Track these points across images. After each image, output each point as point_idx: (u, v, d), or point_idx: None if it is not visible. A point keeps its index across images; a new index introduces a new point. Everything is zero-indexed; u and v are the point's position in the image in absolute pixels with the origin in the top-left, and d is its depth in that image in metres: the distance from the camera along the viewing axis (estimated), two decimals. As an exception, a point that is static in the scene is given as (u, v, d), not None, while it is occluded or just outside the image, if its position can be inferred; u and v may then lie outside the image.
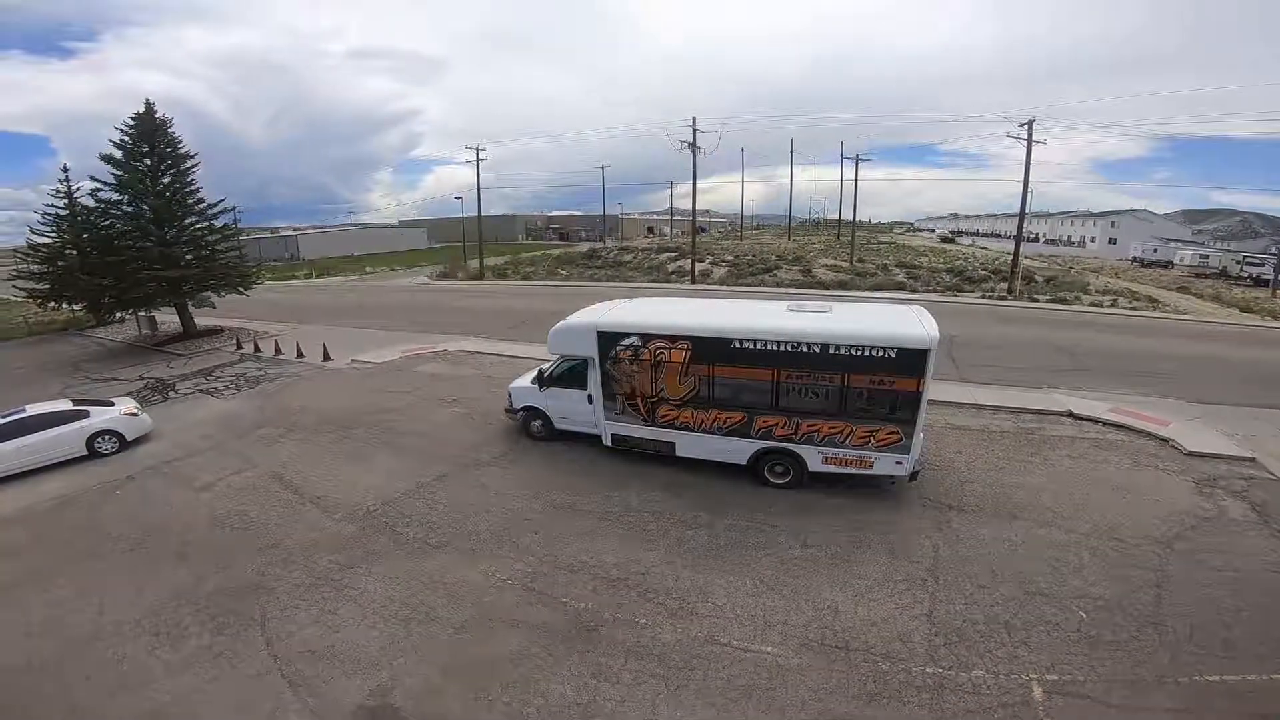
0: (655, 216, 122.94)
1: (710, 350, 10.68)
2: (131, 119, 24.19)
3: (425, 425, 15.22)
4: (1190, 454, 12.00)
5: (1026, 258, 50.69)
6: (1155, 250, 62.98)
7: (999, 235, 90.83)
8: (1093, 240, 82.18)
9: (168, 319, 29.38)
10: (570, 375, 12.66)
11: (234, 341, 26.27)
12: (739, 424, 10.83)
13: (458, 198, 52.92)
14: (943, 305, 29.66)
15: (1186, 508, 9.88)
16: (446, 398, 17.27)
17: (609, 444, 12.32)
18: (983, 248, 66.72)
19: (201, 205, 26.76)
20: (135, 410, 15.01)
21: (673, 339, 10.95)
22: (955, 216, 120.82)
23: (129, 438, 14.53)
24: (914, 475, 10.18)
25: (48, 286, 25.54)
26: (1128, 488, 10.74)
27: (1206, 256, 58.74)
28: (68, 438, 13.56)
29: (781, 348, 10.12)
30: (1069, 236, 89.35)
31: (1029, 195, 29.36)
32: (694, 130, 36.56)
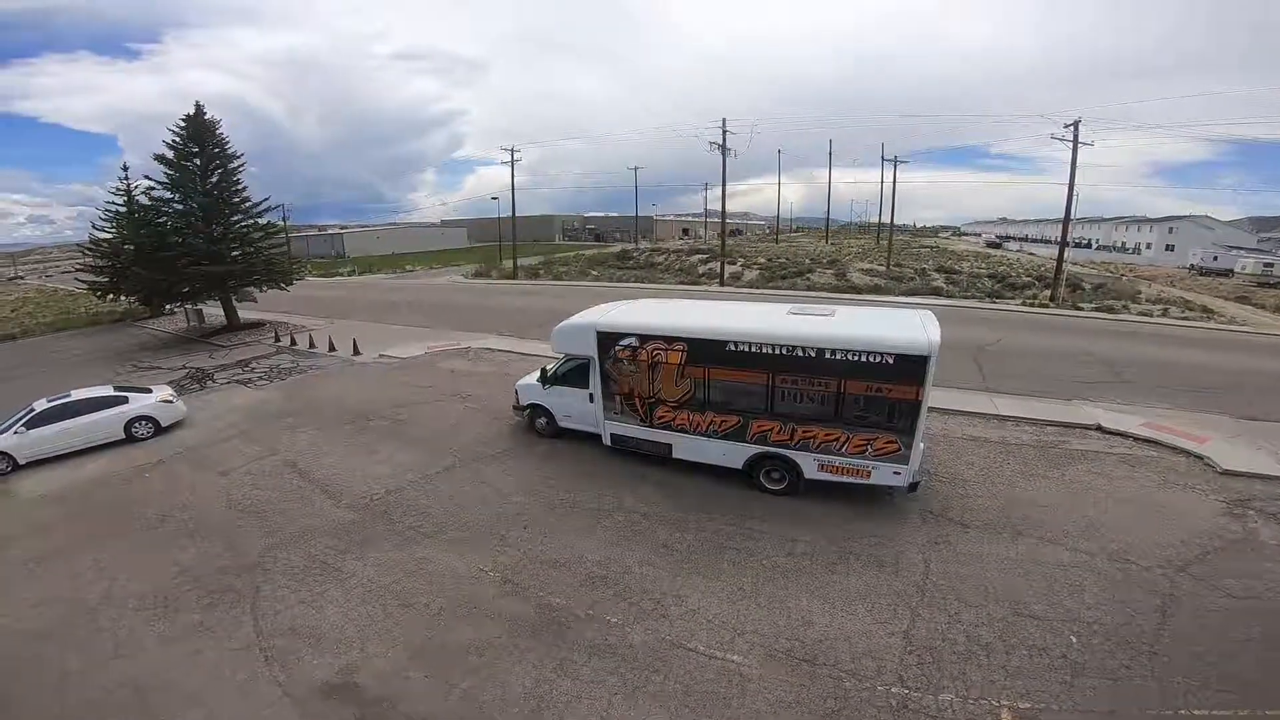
0: (691, 218, 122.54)
1: (705, 352, 10.59)
2: (182, 121, 25.68)
3: (438, 420, 15.59)
4: (1225, 472, 11.20)
5: (1076, 264, 48.30)
6: (1215, 258, 58.69)
7: (1048, 241, 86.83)
8: (1148, 247, 77.66)
9: (215, 312, 31.01)
10: (573, 374, 12.76)
11: (273, 335, 27.50)
12: (734, 428, 10.70)
13: (493, 198, 54.07)
14: (978, 312, 28.56)
15: (1211, 529, 9.23)
16: (462, 393, 17.65)
17: (608, 443, 12.36)
18: (1030, 253, 63.87)
19: (247, 204, 28.14)
20: (170, 397, 15.92)
21: (669, 340, 10.90)
22: (1004, 221, 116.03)
23: (164, 423, 15.41)
24: (913, 487, 9.83)
25: (106, 280, 27.32)
26: (1149, 507, 10.10)
27: (1271, 265, 54.35)
28: (108, 422, 14.49)
29: (776, 351, 9.94)
30: (1123, 243, 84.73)
31: (1075, 199, 27.94)
32: (723, 131, 36.27)
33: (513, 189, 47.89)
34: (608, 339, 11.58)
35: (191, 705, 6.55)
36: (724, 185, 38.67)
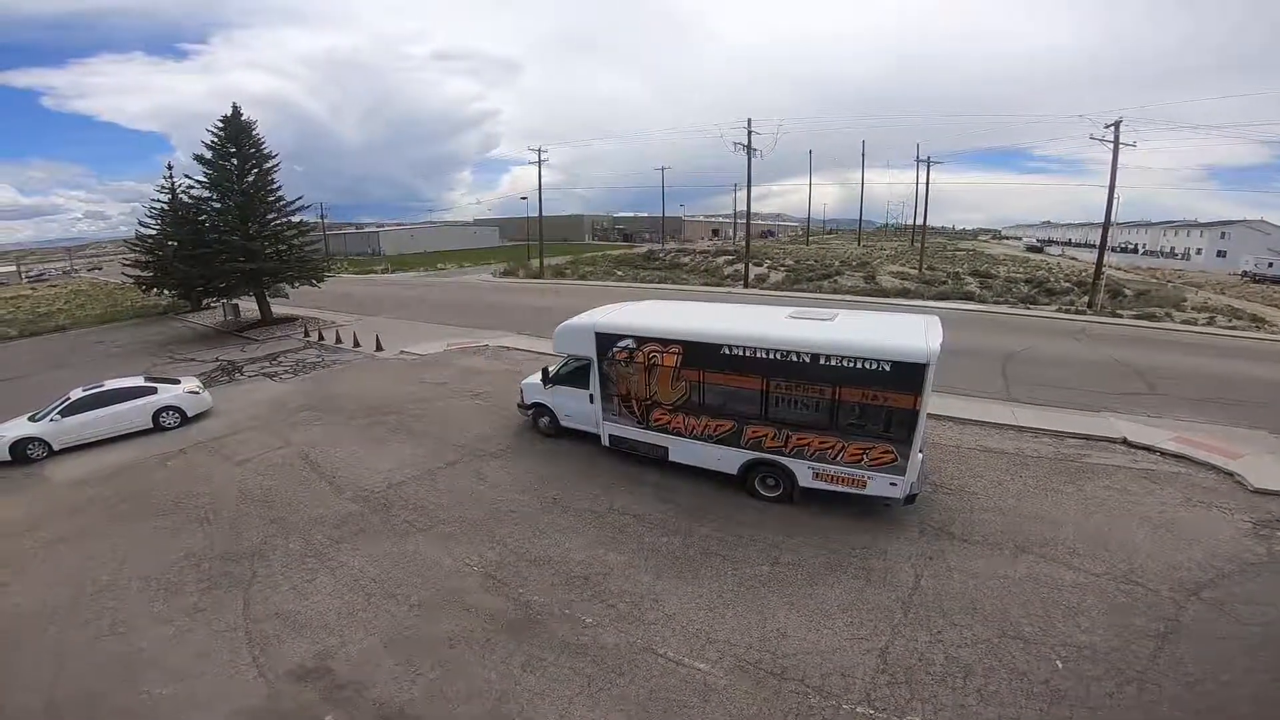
0: (721, 219, 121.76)
1: (701, 355, 10.48)
2: (220, 121, 26.79)
3: (448, 416, 15.87)
4: (1256, 491, 10.53)
5: (1120, 269, 46.14)
6: (1270, 264, 55.06)
7: (1092, 245, 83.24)
8: (1198, 253, 73.50)
9: (250, 306, 32.27)
10: (574, 375, 12.82)
11: (303, 330, 28.45)
12: (729, 433, 10.56)
13: (523, 198, 54.76)
14: (1010, 319, 27.57)
15: (1231, 551, 8.68)
16: (474, 391, 17.93)
17: (607, 444, 12.36)
18: (1072, 258, 61.14)
19: (281, 203, 29.18)
20: (197, 388, 16.63)
21: (665, 342, 10.84)
22: (1048, 224, 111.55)
23: (190, 414, 16.11)
24: (911, 499, 9.50)
25: (150, 274, 28.69)
26: (1167, 525, 9.56)
27: (1332, 271, 50.69)
28: (137, 411, 15.23)
29: (770, 355, 9.76)
30: (1172, 248, 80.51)
31: (1116, 203, 26.64)
32: (749, 132, 35.90)
33: (539, 189, 48.47)
34: (606, 340, 11.58)
35: (172, 681, 6.85)
36: (749, 185, 38.30)
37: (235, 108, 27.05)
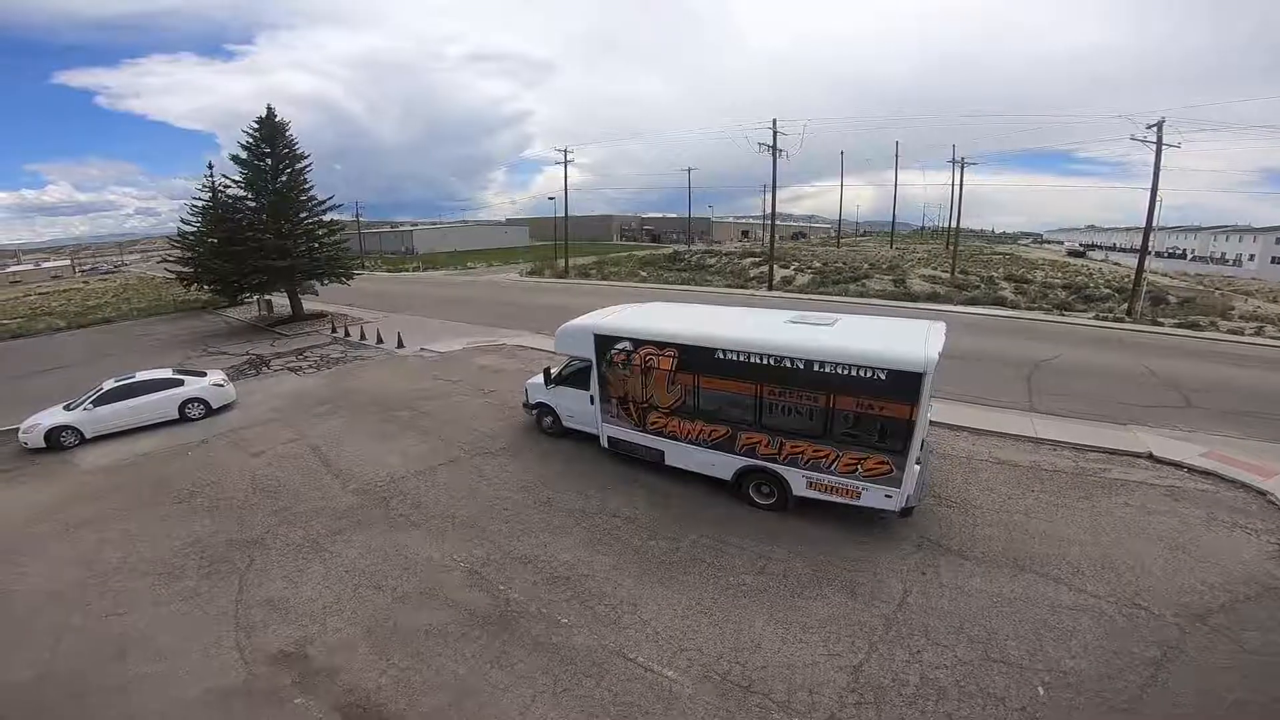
0: (750, 220, 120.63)
1: (695, 359, 10.39)
2: (255, 122, 27.80)
3: (456, 413, 16.13)
4: (1287, 514, 9.89)
5: (1165, 275, 43.92)
6: None
7: (1138, 250, 79.42)
8: (1251, 259, 69.28)
9: (283, 302, 33.42)
10: (576, 376, 12.88)
11: (331, 326, 29.31)
12: (723, 438, 10.43)
13: (550, 198, 55.26)
14: (1042, 325, 26.55)
15: (1251, 574, 8.16)
16: (485, 389, 18.18)
17: (605, 446, 12.37)
18: (1115, 263, 58.44)
19: (312, 202, 30.12)
20: (222, 381, 17.29)
21: (660, 346, 10.78)
22: (1092, 228, 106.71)
23: (214, 405, 16.76)
24: (907, 511, 9.18)
25: (191, 270, 29.95)
26: (1184, 546, 9.04)
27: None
28: (164, 402, 15.93)
29: (764, 361, 9.60)
30: (1223, 253, 76.18)
31: (1159, 206, 25.33)
32: (774, 132, 35.44)
33: (565, 189, 48.87)
34: (604, 342, 11.59)
35: (158, 660, 7.17)
36: (773, 186, 37.83)
37: (270, 109, 28.05)
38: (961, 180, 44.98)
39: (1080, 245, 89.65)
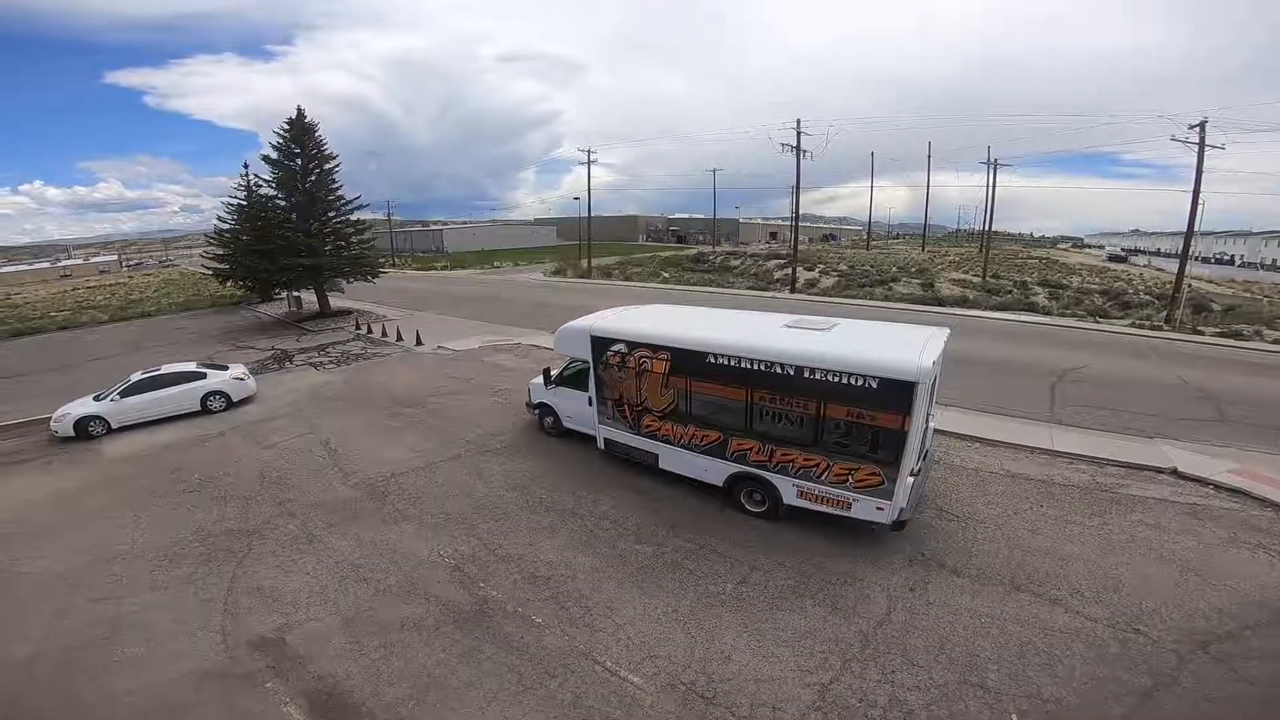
0: (779, 222, 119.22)
1: (688, 363, 10.28)
2: (285, 124, 28.68)
3: (463, 410, 16.35)
4: (1319, 538, 9.26)
5: (1210, 282, 41.74)
6: None
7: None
8: None
9: (312, 299, 34.43)
10: (576, 377, 12.91)
11: (355, 323, 30.05)
12: (714, 444, 10.30)
13: (575, 198, 55.59)
14: (1074, 333, 25.48)
15: (1266, 599, 7.63)
16: (495, 387, 18.39)
17: (602, 448, 12.36)
18: (1158, 269, 55.63)
19: (340, 202, 30.93)
20: (242, 375, 17.90)
21: (654, 349, 10.71)
22: (1136, 233, 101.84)
23: (235, 398, 17.36)
24: (899, 525, 8.88)
25: (226, 267, 31.09)
26: (1198, 568, 8.54)
27: None
28: (186, 395, 16.58)
29: (754, 366, 9.43)
30: (1274, 259, 72.05)
31: (1202, 209, 24.06)
32: (798, 132, 34.94)
33: (588, 189, 49.13)
34: (601, 344, 11.58)
35: (144, 641, 7.50)
36: (797, 187, 37.29)
37: (299, 110, 28.92)
38: (994, 182, 43.60)
39: (1122, 250, 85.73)
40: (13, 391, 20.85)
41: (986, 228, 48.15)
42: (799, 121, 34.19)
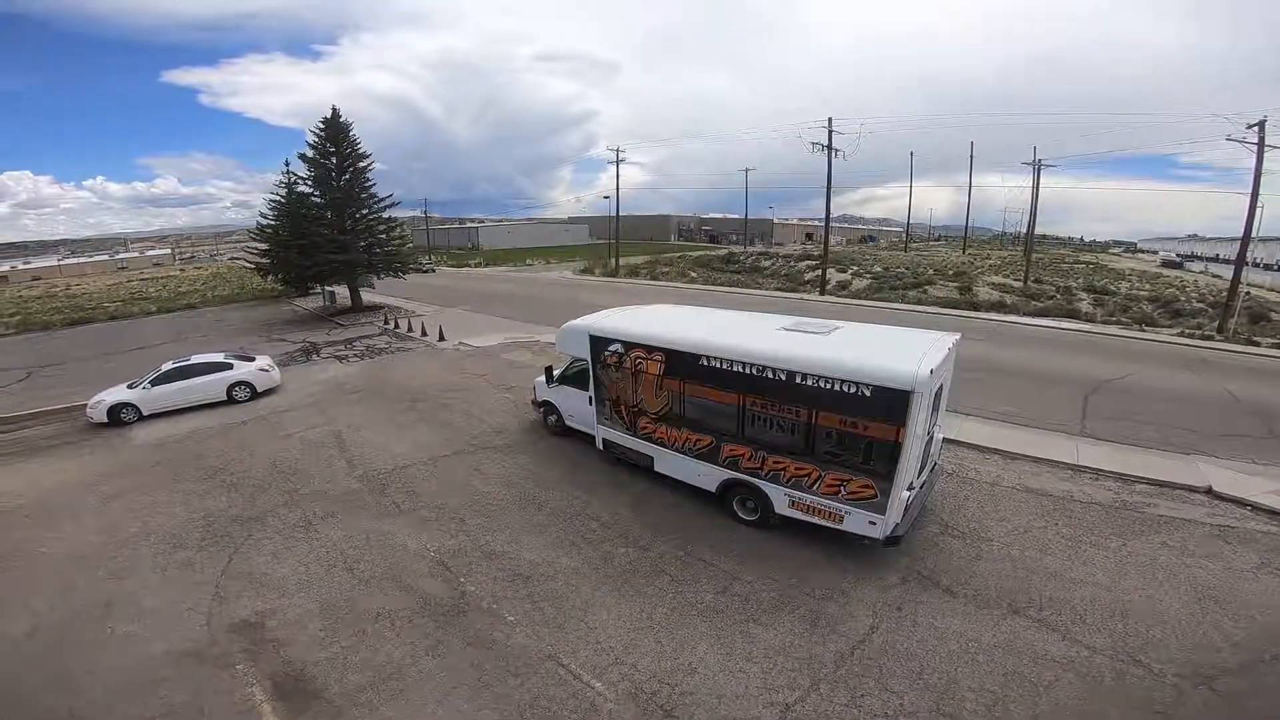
0: (815, 222, 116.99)
1: (681, 365, 10.12)
2: (321, 123, 29.62)
3: (473, 406, 16.56)
4: (1361, 572, 8.48)
5: (1273, 290, 38.92)
6: None
7: (1247, 263, 70.20)
8: None
9: (346, 294, 35.48)
10: (577, 376, 12.89)
11: (384, 318, 30.84)
12: (707, 448, 10.11)
13: (605, 197, 55.77)
14: (1114, 341, 24.13)
15: (1287, 634, 7.06)
16: (508, 384, 18.55)
17: (600, 448, 12.33)
18: (1214, 275, 52.06)
19: (373, 200, 31.77)
20: (268, 366, 18.55)
21: (649, 350, 10.59)
22: (1195, 238, 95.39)
23: (259, 389, 18.01)
24: (893, 540, 8.51)
25: (267, 262, 32.32)
26: (1220, 596, 7.90)
27: None
28: (213, 385, 17.27)
29: (746, 370, 9.20)
30: None
31: (1261, 213, 22.46)
32: (829, 131, 34.15)
33: (617, 188, 49.20)
34: (599, 344, 11.54)
35: (135, 620, 7.83)
36: (828, 187, 36.47)
37: (334, 110, 29.85)
38: (1038, 183, 41.66)
39: (1177, 255, 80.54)
40: (61, 378, 22.14)
41: (1030, 230, 46.07)
42: (830, 120, 33.41)
